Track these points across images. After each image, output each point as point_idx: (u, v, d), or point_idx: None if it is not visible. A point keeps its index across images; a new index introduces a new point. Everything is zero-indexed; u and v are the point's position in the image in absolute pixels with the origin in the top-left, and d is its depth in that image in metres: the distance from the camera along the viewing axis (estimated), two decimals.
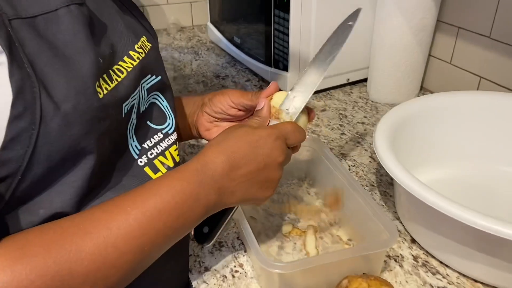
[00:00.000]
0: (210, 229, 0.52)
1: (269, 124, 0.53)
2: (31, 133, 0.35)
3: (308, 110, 0.55)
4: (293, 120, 0.53)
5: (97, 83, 0.39)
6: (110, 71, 0.42)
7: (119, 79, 0.42)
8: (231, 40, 1.23)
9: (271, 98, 0.54)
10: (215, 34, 1.32)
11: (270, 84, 0.56)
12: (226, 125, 0.60)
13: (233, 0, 1.22)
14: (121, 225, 0.38)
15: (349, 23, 0.54)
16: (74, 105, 0.37)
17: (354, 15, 0.55)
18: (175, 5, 1.49)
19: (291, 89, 0.54)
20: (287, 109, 0.53)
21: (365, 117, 0.95)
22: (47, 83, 0.36)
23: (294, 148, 0.53)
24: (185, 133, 0.65)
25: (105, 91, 0.40)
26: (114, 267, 0.37)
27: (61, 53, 0.37)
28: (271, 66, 1.05)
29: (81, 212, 0.39)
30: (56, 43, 0.37)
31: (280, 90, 0.56)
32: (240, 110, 0.57)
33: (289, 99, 0.53)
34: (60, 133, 0.36)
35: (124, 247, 0.37)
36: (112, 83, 0.41)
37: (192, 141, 0.86)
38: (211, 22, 1.35)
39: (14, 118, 0.33)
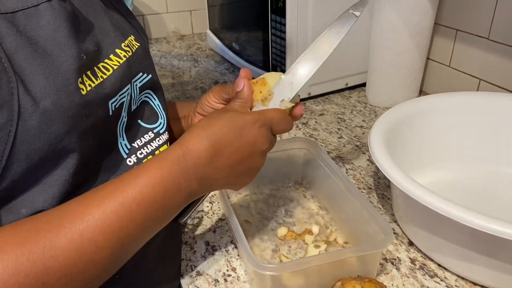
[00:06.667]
0: None
1: (256, 109, 0.51)
2: (9, 130, 0.34)
3: (296, 105, 0.52)
4: (282, 108, 0.50)
5: (80, 79, 0.38)
6: (95, 68, 0.41)
7: (104, 76, 0.42)
8: (230, 47, 1.23)
9: (256, 82, 0.51)
10: (214, 41, 1.32)
11: (241, 71, 0.52)
12: None
13: (231, 8, 1.22)
14: (98, 218, 0.36)
15: (355, 12, 0.51)
16: (55, 101, 0.36)
17: (361, 5, 0.51)
18: (175, 13, 1.50)
19: (285, 73, 0.51)
20: (277, 96, 0.50)
21: (363, 121, 0.94)
22: (25, 78, 0.35)
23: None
24: (178, 137, 0.64)
25: (89, 88, 0.39)
26: (92, 262, 0.36)
27: (41, 49, 0.36)
28: (269, 71, 1.05)
29: (57, 207, 0.38)
30: (37, 38, 0.36)
31: (253, 77, 0.53)
32: (224, 106, 0.56)
33: (282, 85, 0.50)
34: (40, 130, 0.36)
35: (102, 241, 0.36)
36: (96, 80, 0.41)
37: None
38: (211, 29, 1.35)
39: None
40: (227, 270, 0.58)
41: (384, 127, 0.66)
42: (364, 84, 1.07)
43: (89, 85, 0.40)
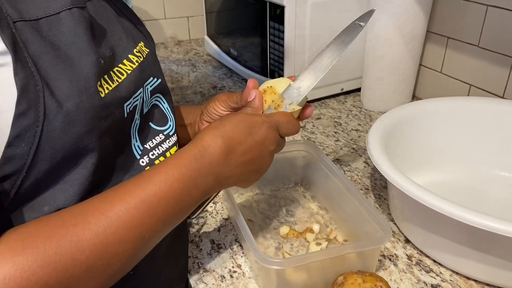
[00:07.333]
0: None
1: (266, 112, 0.54)
2: (35, 131, 0.36)
3: (305, 106, 0.56)
4: (290, 111, 0.53)
5: (99, 82, 0.41)
6: (111, 72, 0.43)
7: (119, 80, 0.44)
8: (227, 53, 1.26)
9: (264, 91, 0.55)
10: (212, 47, 1.35)
11: (248, 82, 0.55)
12: None
13: (229, 14, 1.25)
14: (122, 214, 0.38)
15: (360, 23, 0.54)
16: (77, 103, 0.38)
17: (366, 16, 0.55)
18: (173, 19, 1.53)
19: (295, 80, 0.54)
20: (287, 101, 0.53)
21: (359, 124, 0.98)
22: (50, 82, 0.37)
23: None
24: (185, 143, 0.66)
25: (106, 91, 0.42)
26: (115, 256, 0.38)
27: (63, 54, 0.38)
28: (267, 76, 1.08)
29: (80, 203, 0.40)
30: (59, 44, 0.38)
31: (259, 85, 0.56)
32: (233, 112, 0.58)
33: (292, 90, 0.54)
34: (63, 130, 0.37)
35: (125, 236, 0.38)
36: (113, 83, 0.43)
37: None
38: (208, 35, 1.38)
39: (18, 115, 0.35)
40: (233, 267, 0.60)
41: (380, 130, 0.69)
42: (359, 89, 1.11)
43: (107, 88, 0.42)
